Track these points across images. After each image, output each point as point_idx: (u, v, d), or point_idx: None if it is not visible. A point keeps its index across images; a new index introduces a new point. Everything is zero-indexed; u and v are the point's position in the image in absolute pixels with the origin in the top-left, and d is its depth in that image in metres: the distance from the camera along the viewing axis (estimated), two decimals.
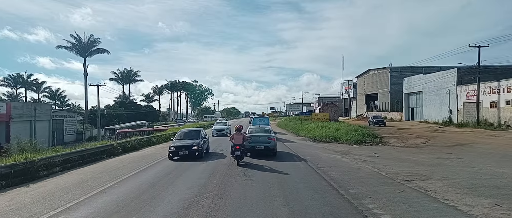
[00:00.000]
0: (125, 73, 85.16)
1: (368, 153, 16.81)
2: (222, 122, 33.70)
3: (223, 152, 16.60)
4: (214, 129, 30.86)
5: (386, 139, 21.88)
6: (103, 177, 10.78)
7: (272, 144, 14.58)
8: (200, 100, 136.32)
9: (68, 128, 56.38)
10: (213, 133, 29.52)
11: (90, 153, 14.22)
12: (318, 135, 25.94)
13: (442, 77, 35.24)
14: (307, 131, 29.91)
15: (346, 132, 24.31)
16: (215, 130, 30.42)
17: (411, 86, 42.63)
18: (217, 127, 31.73)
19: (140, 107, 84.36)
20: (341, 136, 23.50)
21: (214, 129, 31.07)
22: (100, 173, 11.51)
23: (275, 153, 14.77)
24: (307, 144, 22.75)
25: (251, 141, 14.29)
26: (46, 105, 53.35)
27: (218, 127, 31.63)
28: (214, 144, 20.40)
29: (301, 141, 24.65)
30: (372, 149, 18.55)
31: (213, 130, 30.47)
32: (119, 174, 11.04)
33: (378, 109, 58.26)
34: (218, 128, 30.90)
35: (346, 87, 75.88)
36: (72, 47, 62.79)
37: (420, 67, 53.09)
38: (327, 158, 15.04)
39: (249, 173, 10.85)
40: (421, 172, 11.03)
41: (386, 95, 55.08)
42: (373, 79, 60.89)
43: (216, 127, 31.83)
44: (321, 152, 17.48)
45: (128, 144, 18.27)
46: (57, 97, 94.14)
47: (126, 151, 17.84)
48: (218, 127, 32.02)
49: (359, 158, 15.19)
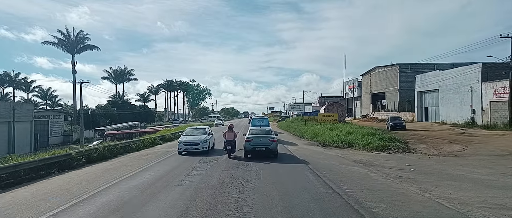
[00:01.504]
0: (118, 72, 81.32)
1: (398, 164, 13.10)
2: (201, 128, 19.16)
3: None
4: (181, 141, 16.85)
5: (413, 145, 18.16)
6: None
7: (274, 145, 14.29)
8: (198, 101, 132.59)
9: (54, 129, 52.56)
10: (180, 147, 16.55)
11: (30, 168, 10.42)
12: (328, 139, 22.23)
13: (462, 73, 31.57)
14: (314, 133, 26.19)
15: (361, 136, 20.58)
16: (184, 143, 16.49)
17: (425, 84, 38.95)
18: (187, 137, 17.13)
19: (134, 107, 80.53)
20: (356, 141, 19.79)
21: (181, 140, 16.94)
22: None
23: (276, 155, 14.46)
24: (316, 150, 19.02)
25: (252, 142, 14.16)
26: (27, 104, 49.52)
27: (189, 138, 17.05)
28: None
29: (308, 146, 20.92)
30: (401, 158, 14.84)
31: (180, 143, 16.74)
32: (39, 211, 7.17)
33: (385, 108, 54.55)
34: (188, 140, 16.65)
35: (350, 86, 72.09)
36: (59, 43, 58.95)
37: (431, 64, 49.51)
38: (349, 172, 11.34)
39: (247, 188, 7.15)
40: (507, 202, 7.31)
41: (395, 94, 51.38)
42: (380, 77, 57.19)
43: (186, 137, 17.17)
44: (337, 162, 13.77)
45: (95, 152, 14.49)
46: (48, 97, 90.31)
47: (90, 161, 14.09)
48: (189, 137, 17.19)
49: (390, 172, 11.51)
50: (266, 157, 14.42)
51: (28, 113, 43.43)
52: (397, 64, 51.26)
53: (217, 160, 14.08)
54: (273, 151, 14.23)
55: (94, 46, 62.15)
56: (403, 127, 30.08)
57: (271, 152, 14.16)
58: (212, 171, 11.55)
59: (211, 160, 14.26)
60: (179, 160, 14.73)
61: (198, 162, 13.52)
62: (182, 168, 12.23)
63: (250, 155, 14.34)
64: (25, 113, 42.68)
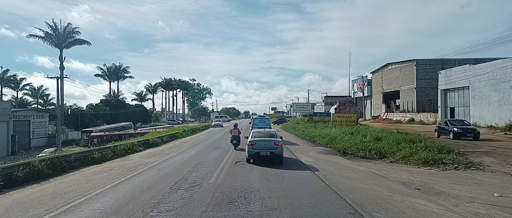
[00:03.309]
0: (112, 69, 76.65)
1: (479, 193, 8.45)
2: None
3: None
4: None
5: (474, 157, 13.39)
6: None
7: (279, 149, 13.02)
8: (198, 100, 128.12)
9: (37, 130, 47.96)
10: None
11: None
12: (349, 146, 17.54)
13: (502, 67, 26.76)
14: (329, 138, 21.49)
15: (395, 143, 15.86)
16: None
17: (451, 81, 34.14)
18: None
19: (129, 107, 75.82)
20: (389, 150, 15.10)
21: None
22: None
23: (281, 160, 13.19)
24: (339, 161, 14.32)
25: (255, 146, 13.05)
26: (3, 103, 44.83)
27: None
28: None
29: (326, 156, 16.21)
30: (472, 180, 10.14)
31: None
32: None
33: (400, 109, 49.69)
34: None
35: (359, 85, 67.23)
36: (46, 37, 54.37)
37: (451, 60, 44.75)
38: (415, 212, 6.63)
39: None
40: None
41: (411, 93, 46.51)
42: (394, 74, 52.31)
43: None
44: (381, 187, 9.11)
45: (21, 170, 9.77)
46: (40, 95, 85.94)
47: (14, 184, 9.43)
48: None
49: (471, 207, 6.94)
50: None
51: (4, 112, 38.88)
52: (414, 59, 46.37)
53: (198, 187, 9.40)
54: (279, 156, 12.99)
55: (84, 41, 57.49)
56: (477, 135, 20.17)
57: (276, 157, 12.92)
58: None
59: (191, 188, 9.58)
60: (149, 181, 10.09)
61: (171, 190, 8.86)
62: (144, 200, 7.58)
63: (252, 159, 13.11)
64: (1, 112, 38.20)
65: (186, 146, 22.52)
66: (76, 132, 54.75)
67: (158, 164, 13.84)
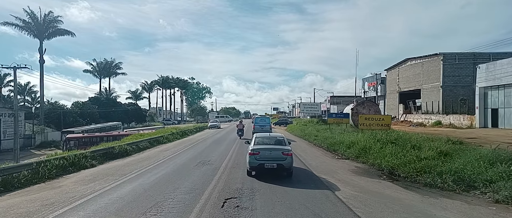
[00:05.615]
0: (102, 64, 70.82)
1: None
2: None
3: None
4: None
5: None
6: None
7: (288, 160, 10.41)
8: (198, 100, 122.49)
9: (10, 130, 42.31)
10: None
11: None
12: (398, 164, 11.66)
13: None
14: (359, 149, 15.54)
15: (477, 162, 9.94)
16: None
17: (495, 77, 28.22)
18: None
19: (120, 105, 70.00)
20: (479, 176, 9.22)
21: None
22: None
23: (291, 174, 10.74)
24: (396, 197, 8.39)
25: (258, 156, 10.44)
26: None
27: None
28: None
29: (363, 180, 10.29)
30: None
31: None
32: None
33: (422, 110, 43.67)
34: None
35: (370, 84, 61.15)
36: (24, 27, 48.70)
37: (485, 53, 38.84)
38: None
39: None
40: None
41: (436, 92, 40.50)
42: (413, 71, 46.29)
43: None
44: None
45: None
46: (27, 92, 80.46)
47: None
48: None
49: None
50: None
51: None
52: (440, 53, 40.35)
53: None
54: (288, 169, 10.52)
55: (67, 31, 51.93)
56: None
57: (284, 169, 10.46)
58: None
59: None
60: None
61: None
62: None
63: (255, 172, 10.65)
64: None
65: (163, 157, 16.64)
66: (58, 133, 49.07)
67: (81, 208, 7.69)
